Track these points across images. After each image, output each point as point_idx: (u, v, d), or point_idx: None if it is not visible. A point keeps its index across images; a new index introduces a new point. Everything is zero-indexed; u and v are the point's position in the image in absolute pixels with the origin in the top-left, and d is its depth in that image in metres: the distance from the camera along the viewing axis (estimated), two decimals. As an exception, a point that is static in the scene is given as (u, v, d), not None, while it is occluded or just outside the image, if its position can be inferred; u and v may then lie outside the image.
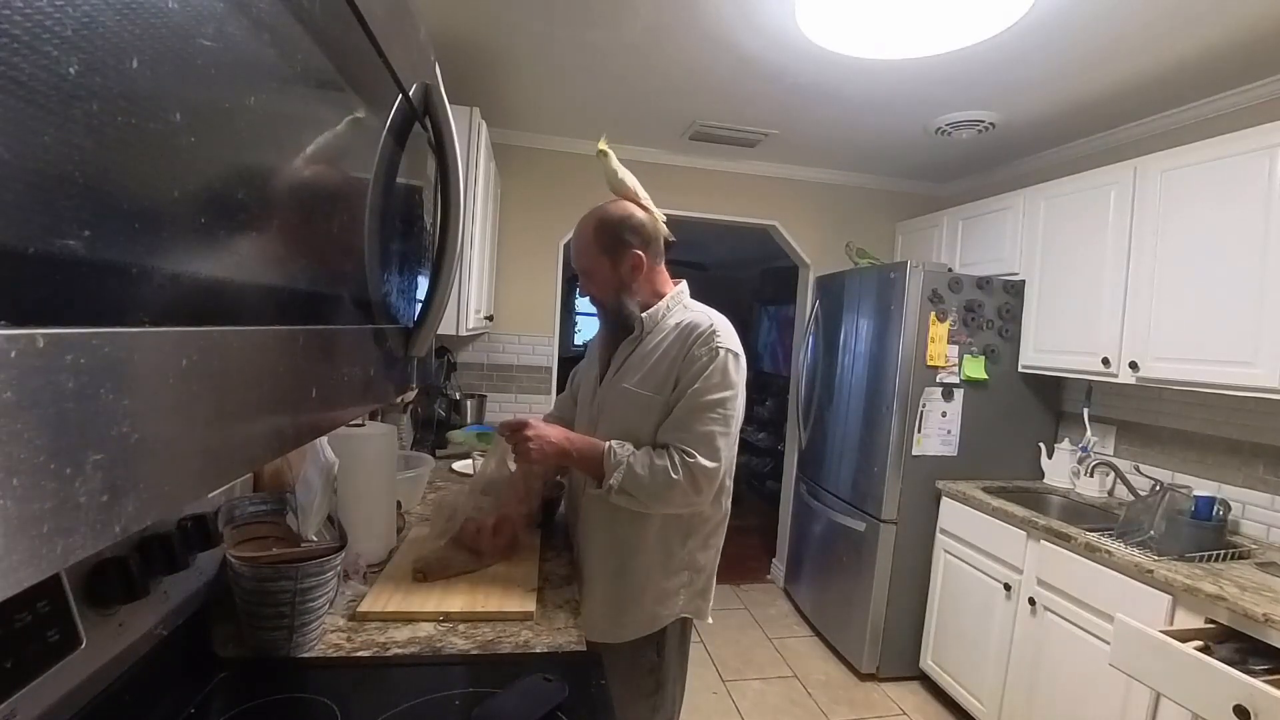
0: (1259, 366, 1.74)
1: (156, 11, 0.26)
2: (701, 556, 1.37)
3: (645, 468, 1.21)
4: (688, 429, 1.23)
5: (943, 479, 2.61)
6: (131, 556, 0.76)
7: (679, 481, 1.20)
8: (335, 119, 0.47)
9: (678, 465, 1.20)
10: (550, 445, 1.25)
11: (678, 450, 1.22)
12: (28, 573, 0.20)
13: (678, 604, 1.35)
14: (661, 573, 1.33)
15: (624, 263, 1.30)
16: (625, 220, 1.31)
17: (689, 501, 1.24)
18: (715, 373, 1.24)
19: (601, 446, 1.25)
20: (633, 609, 1.33)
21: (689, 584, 1.36)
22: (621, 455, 1.23)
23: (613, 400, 1.34)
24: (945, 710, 2.52)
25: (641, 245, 1.31)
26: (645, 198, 1.37)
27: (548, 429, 1.28)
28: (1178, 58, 1.94)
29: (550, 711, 0.89)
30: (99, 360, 0.23)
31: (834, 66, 2.12)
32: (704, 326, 1.28)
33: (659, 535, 1.32)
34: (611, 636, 1.32)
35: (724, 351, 1.25)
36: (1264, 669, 1.35)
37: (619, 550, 1.33)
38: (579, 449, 1.26)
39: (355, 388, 0.52)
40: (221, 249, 0.33)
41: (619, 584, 1.33)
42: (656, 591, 1.33)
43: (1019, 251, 2.65)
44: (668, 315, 1.34)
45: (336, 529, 1.15)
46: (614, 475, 1.21)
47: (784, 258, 3.79)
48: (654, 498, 1.22)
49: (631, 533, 1.31)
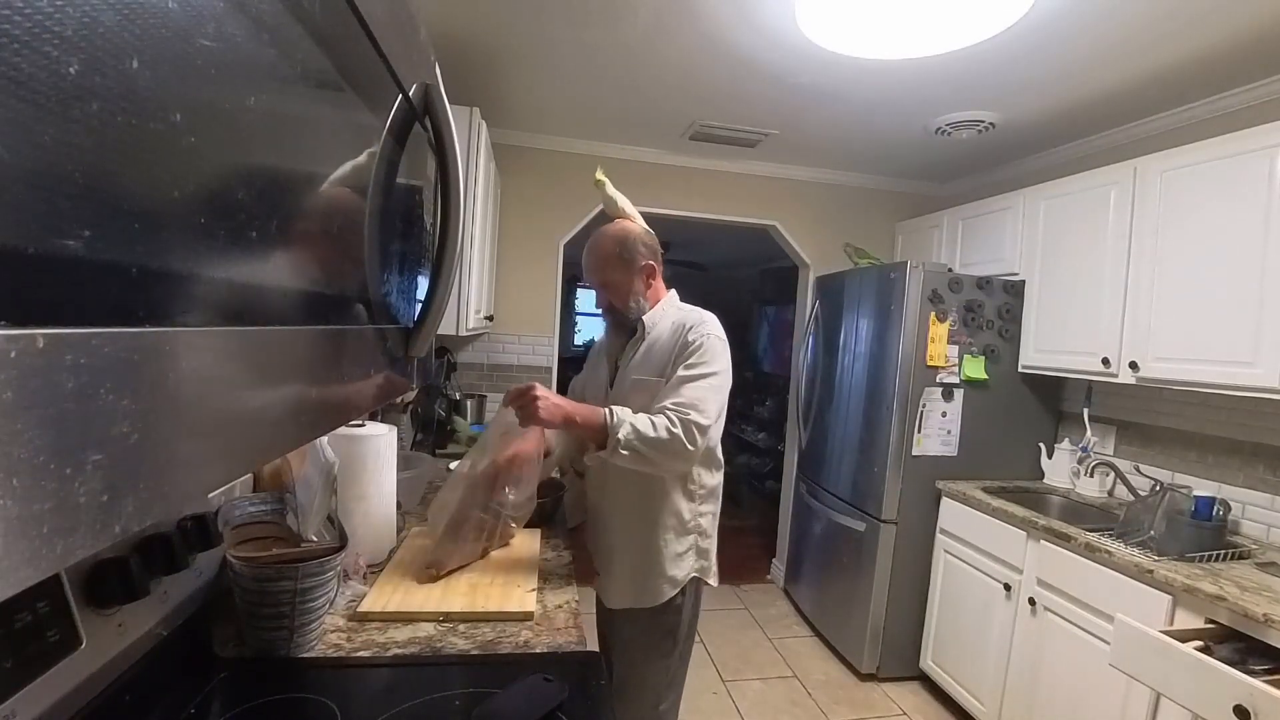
0: (1259, 366, 1.74)
1: (156, 11, 0.26)
2: (704, 521, 1.55)
3: (646, 425, 1.34)
4: (680, 393, 1.39)
5: (943, 479, 2.61)
6: (131, 556, 0.76)
7: (678, 435, 1.34)
8: (335, 119, 0.47)
9: (675, 421, 1.35)
10: (555, 407, 1.34)
11: (674, 409, 1.37)
12: (28, 573, 0.20)
13: (689, 564, 1.51)
14: (675, 538, 1.50)
15: (640, 272, 1.53)
16: (641, 237, 1.55)
17: (685, 454, 1.37)
18: (705, 351, 1.44)
19: (602, 411, 1.36)
20: (655, 576, 1.49)
21: (695, 545, 1.53)
22: (623, 416, 1.35)
23: (625, 390, 1.51)
24: (945, 710, 2.52)
25: (651, 256, 1.54)
26: (639, 218, 1.61)
27: (553, 394, 1.38)
28: (1178, 58, 1.94)
29: (550, 711, 0.89)
30: (99, 360, 0.23)
31: (834, 67, 2.12)
32: (694, 319, 1.50)
33: (672, 504, 1.49)
34: (638, 603, 1.50)
35: (711, 336, 1.46)
36: (1264, 669, 1.35)
37: (644, 522, 1.49)
38: (582, 413, 1.37)
39: (355, 388, 0.52)
40: (221, 249, 0.33)
41: (644, 555, 1.49)
42: (672, 555, 1.49)
43: (1019, 251, 2.65)
44: (664, 316, 1.56)
45: (336, 529, 1.15)
46: (619, 431, 1.32)
47: (784, 258, 3.79)
48: (655, 449, 1.34)
49: (653, 505, 1.48)
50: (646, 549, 1.49)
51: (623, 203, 1.59)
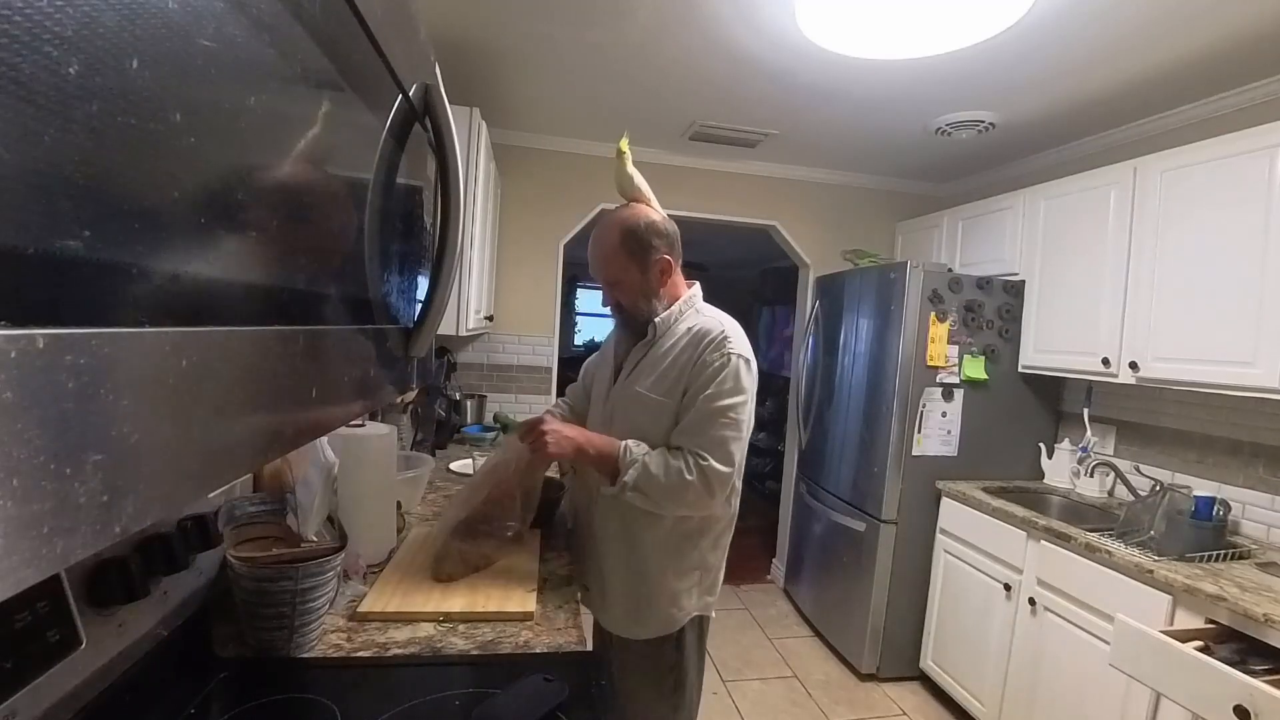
0: (1259, 366, 1.74)
1: (156, 12, 0.26)
2: (711, 556, 1.38)
3: (660, 467, 1.22)
4: (702, 433, 1.23)
5: (943, 479, 2.61)
6: (131, 557, 0.76)
7: (693, 483, 1.20)
8: (335, 119, 0.47)
9: (692, 467, 1.21)
10: (566, 440, 1.26)
11: (692, 454, 1.22)
12: (28, 573, 0.20)
13: (691, 603, 1.35)
14: (675, 574, 1.33)
15: (653, 268, 1.30)
16: (651, 225, 1.30)
17: (702, 503, 1.25)
18: (727, 378, 1.24)
19: (617, 445, 1.26)
20: (650, 609, 1.34)
21: (699, 583, 1.36)
22: (637, 454, 1.24)
23: (626, 402, 1.35)
24: (945, 710, 2.52)
25: (668, 249, 1.32)
26: (655, 201, 1.36)
27: (564, 425, 1.30)
28: (1177, 58, 1.94)
29: (550, 711, 0.89)
30: (99, 360, 0.23)
31: (834, 66, 2.12)
32: (715, 332, 1.28)
33: (672, 536, 1.32)
34: (631, 633, 1.35)
35: (735, 357, 1.26)
36: (1264, 669, 1.35)
37: (635, 550, 1.33)
38: (596, 445, 1.27)
39: (355, 388, 0.52)
40: (221, 249, 0.33)
41: (636, 583, 1.34)
42: (670, 592, 1.33)
43: (1019, 252, 2.65)
44: (680, 320, 1.34)
45: (336, 529, 1.15)
46: (629, 473, 1.22)
47: (784, 258, 3.79)
48: (667, 497, 1.23)
49: (647, 534, 1.32)
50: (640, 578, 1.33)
51: (639, 181, 1.35)
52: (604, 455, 1.26)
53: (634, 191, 1.35)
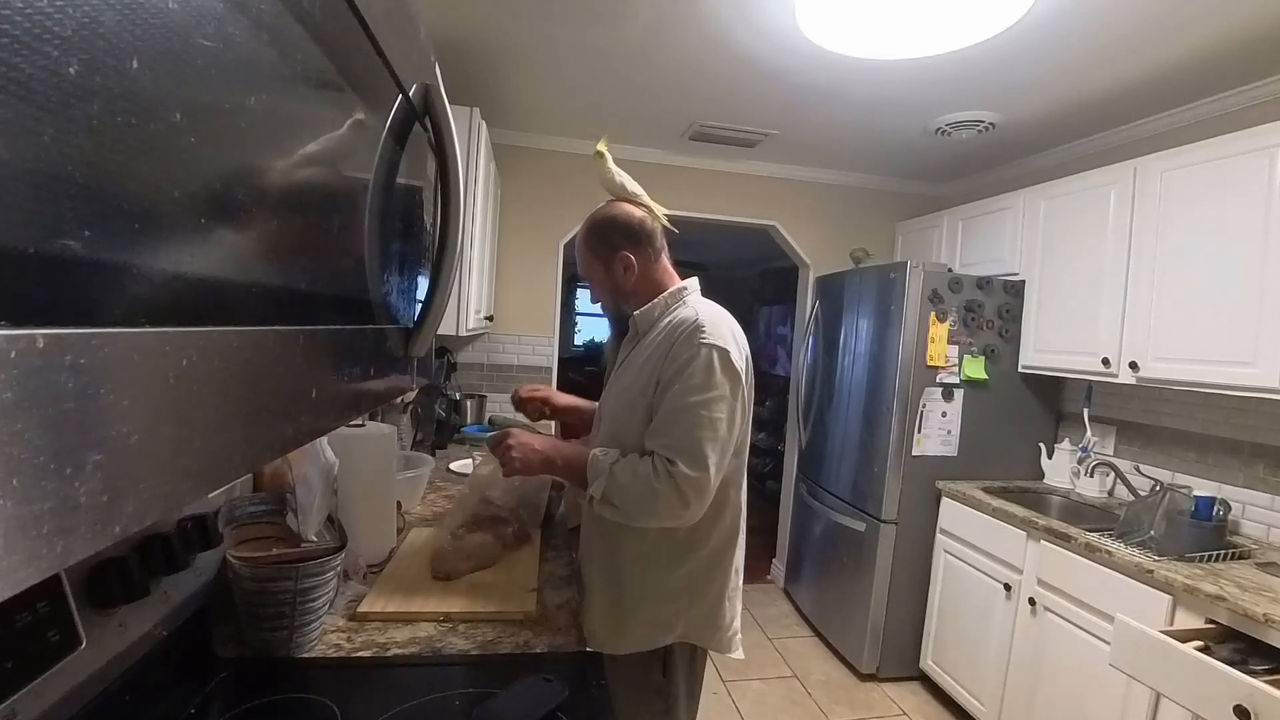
0: (1259, 366, 1.74)
1: (156, 12, 0.26)
2: (706, 578, 1.25)
3: (628, 476, 1.12)
4: (669, 434, 1.13)
5: (943, 479, 2.61)
6: (131, 556, 0.76)
7: (661, 491, 1.09)
8: (335, 119, 0.47)
9: (660, 473, 1.10)
10: (534, 453, 1.20)
11: (660, 458, 1.11)
12: (28, 573, 0.20)
13: (675, 630, 1.24)
14: (655, 594, 1.23)
15: (616, 265, 1.26)
16: (612, 222, 1.28)
17: (675, 514, 1.12)
18: (696, 372, 1.12)
19: (586, 454, 1.17)
20: (629, 623, 1.25)
21: (687, 609, 1.24)
22: (604, 463, 1.14)
23: (610, 401, 1.31)
24: (945, 711, 2.52)
25: (631, 246, 1.26)
26: (644, 196, 1.34)
27: (531, 437, 1.23)
28: (1178, 58, 1.94)
29: (550, 712, 0.89)
30: (99, 360, 0.23)
31: (834, 67, 2.12)
32: (689, 322, 1.18)
33: (652, 552, 1.23)
34: (610, 648, 1.25)
35: (707, 348, 1.13)
36: (1264, 669, 1.35)
37: (614, 560, 1.26)
38: (565, 456, 1.21)
39: (355, 388, 0.52)
40: (222, 249, 0.33)
41: (615, 596, 1.26)
42: (650, 613, 1.24)
43: (1019, 252, 2.65)
44: (664, 314, 1.27)
45: (336, 529, 1.15)
46: (595, 484, 1.14)
47: (784, 258, 3.79)
48: (637, 508, 1.13)
49: (627, 545, 1.24)
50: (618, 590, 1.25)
51: (622, 179, 1.32)
52: (573, 467, 1.18)
53: (619, 190, 1.33)
